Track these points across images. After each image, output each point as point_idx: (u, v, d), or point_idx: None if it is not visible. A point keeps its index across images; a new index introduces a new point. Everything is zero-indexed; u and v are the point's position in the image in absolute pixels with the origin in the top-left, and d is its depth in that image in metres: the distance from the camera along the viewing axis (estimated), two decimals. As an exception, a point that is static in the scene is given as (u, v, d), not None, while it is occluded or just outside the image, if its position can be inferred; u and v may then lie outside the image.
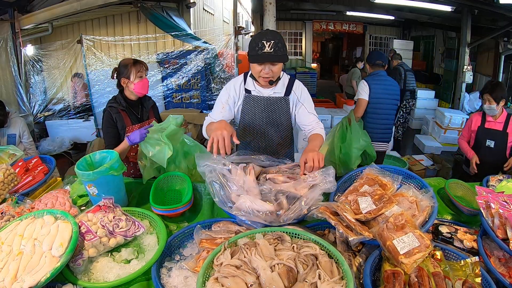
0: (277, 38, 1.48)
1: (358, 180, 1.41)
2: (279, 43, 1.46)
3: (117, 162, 1.41)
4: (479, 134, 2.51)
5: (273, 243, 1.05)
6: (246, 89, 1.73)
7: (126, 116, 1.90)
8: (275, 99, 1.73)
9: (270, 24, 4.36)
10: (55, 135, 4.77)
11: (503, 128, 2.39)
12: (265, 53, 1.44)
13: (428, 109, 6.38)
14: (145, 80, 1.90)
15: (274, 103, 1.73)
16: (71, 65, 5.10)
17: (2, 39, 4.26)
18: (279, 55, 1.48)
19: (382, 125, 2.97)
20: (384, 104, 2.91)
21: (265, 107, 1.74)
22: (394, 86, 2.97)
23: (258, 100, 1.73)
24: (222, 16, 9.18)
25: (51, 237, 1.05)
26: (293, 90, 1.73)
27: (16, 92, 4.51)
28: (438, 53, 7.91)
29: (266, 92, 1.71)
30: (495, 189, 1.47)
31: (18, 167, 1.74)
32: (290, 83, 1.74)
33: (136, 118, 1.95)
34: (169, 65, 5.08)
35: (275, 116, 1.76)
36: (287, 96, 1.73)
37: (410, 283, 0.94)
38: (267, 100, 1.73)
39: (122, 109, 1.89)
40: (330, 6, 7.57)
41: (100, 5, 4.32)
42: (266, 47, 1.43)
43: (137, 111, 1.97)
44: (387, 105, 2.93)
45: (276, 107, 1.74)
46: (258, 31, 1.55)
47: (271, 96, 1.72)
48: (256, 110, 1.75)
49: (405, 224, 1.06)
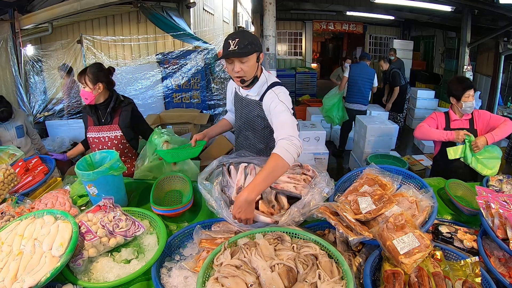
0: (241, 35, 1.46)
1: (358, 180, 1.41)
2: (243, 40, 1.44)
3: (117, 162, 1.41)
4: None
5: (273, 243, 1.05)
6: (235, 87, 1.78)
7: (89, 118, 2.07)
8: (249, 101, 1.68)
9: (270, 24, 4.36)
10: (55, 135, 4.76)
11: (470, 125, 2.24)
12: (230, 51, 1.45)
13: (428, 109, 6.36)
14: (82, 91, 1.95)
15: (248, 105, 1.69)
16: (71, 65, 5.09)
17: (2, 39, 4.26)
18: (241, 51, 1.44)
19: (358, 92, 4.66)
20: (358, 80, 4.61)
21: (242, 108, 1.73)
22: (368, 70, 4.64)
23: (238, 99, 1.75)
24: (222, 16, 9.18)
25: (51, 237, 1.05)
26: (265, 96, 1.57)
27: (16, 92, 4.51)
28: (438, 53, 7.90)
29: (244, 92, 1.69)
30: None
31: (18, 167, 1.74)
32: (267, 90, 1.58)
33: (97, 121, 2.05)
34: (169, 65, 5.07)
35: (249, 118, 1.71)
36: (261, 101, 1.61)
37: (410, 283, 0.94)
38: (242, 100, 1.72)
39: (88, 111, 2.06)
40: (330, 6, 7.55)
41: (100, 5, 4.31)
42: (231, 45, 1.44)
43: (102, 114, 2.04)
44: (361, 81, 4.61)
45: (249, 110, 1.69)
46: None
47: (246, 97, 1.69)
48: (237, 109, 1.79)
49: (405, 224, 1.06)
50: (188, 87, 5.27)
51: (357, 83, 4.63)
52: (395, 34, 9.23)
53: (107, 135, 2.03)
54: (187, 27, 5.20)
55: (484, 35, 5.42)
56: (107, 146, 2.04)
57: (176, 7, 5.49)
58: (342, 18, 8.82)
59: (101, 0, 4.22)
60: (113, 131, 2.02)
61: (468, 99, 2.18)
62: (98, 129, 2.03)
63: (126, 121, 2.04)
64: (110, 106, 2.00)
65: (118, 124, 2.03)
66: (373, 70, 4.68)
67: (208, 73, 5.22)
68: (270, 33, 4.40)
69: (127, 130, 2.05)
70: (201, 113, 5.10)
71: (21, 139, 2.89)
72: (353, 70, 4.68)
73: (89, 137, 2.07)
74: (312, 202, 1.22)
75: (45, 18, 4.38)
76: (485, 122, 2.22)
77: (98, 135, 2.03)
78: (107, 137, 2.03)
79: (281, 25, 9.15)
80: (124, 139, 2.05)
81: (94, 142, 2.05)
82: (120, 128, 2.03)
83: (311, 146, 3.91)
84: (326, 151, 3.93)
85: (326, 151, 3.93)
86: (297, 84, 8.14)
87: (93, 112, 2.03)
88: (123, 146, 2.07)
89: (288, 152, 1.23)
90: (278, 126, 1.39)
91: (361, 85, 4.63)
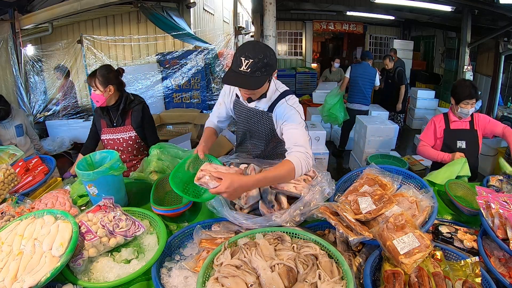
0: (256, 54, 1.22)
1: (358, 180, 1.41)
2: (259, 63, 1.22)
3: (117, 162, 1.41)
4: (446, 137, 2.27)
5: (273, 243, 1.05)
6: (236, 93, 1.63)
7: (102, 120, 2.05)
8: (257, 112, 1.57)
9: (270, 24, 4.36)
10: (55, 135, 4.76)
11: (470, 126, 2.23)
12: (238, 73, 1.23)
13: (428, 109, 6.36)
14: (93, 94, 1.93)
15: (255, 115, 1.59)
16: (71, 65, 5.09)
17: (3, 39, 4.26)
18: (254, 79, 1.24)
19: (359, 92, 4.62)
20: (359, 80, 4.56)
21: (248, 117, 1.62)
22: (370, 70, 4.59)
23: (243, 108, 1.62)
24: (222, 16, 9.18)
25: (51, 237, 1.05)
26: (278, 106, 1.49)
27: (16, 91, 4.52)
28: (438, 53, 7.89)
29: (251, 104, 1.54)
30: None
31: (18, 167, 1.74)
32: (277, 99, 1.49)
33: (110, 123, 2.04)
34: (169, 65, 5.08)
35: (256, 128, 1.63)
36: (270, 112, 1.52)
37: (410, 283, 0.94)
38: (249, 111, 1.60)
39: (100, 114, 2.05)
40: (330, 6, 7.55)
41: (100, 5, 4.32)
42: (243, 65, 1.22)
43: (114, 116, 2.03)
44: (362, 80, 4.56)
45: (257, 120, 1.60)
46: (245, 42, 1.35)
47: (253, 108, 1.57)
48: (241, 117, 1.66)
49: (405, 224, 1.06)
50: (188, 87, 5.27)
51: (358, 83, 4.62)
52: (395, 34, 9.22)
53: (121, 136, 2.03)
54: (187, 27, 5.21)
55: (484, 35, 5.41)
56: (123, 147, 2.05)
57: (176, 7, 5.49)
58: (342, 18, 8.81)
59: (101, 0, 4.22)
60: (127, 132, 2.03)
61: (466, 107, 2.15)
62: (113, 131, 2.03)
63: (137, 121, 2.04)
64: (120, 108, 2.00)
65: (131, 125, 2.03)
66: (374, 70, 4.66)
67: (208, 73, 5.22)
68: (270, 33, 4.40)
69: (140, 130, 2.06)
70: (201, 113, 5.10)
71: (21, 138, 2.89)
72: (354, 70, 4.64)
73: (103, 139, 2.06)
74: (312, 202, 1.22)
75: (45, 18, 4.38)
76: (484, 125, 2.22)
77: (113, 137, 2.04)
78: (121, 138, 2.03)
79: (281, 25, 9.14)
80: (138, 138, 2.07)
81: (109, 143, 2.05)
82: (133, 128, 2.03)
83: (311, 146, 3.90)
84: (326, 151, 3.93)
85: (326, 151, 3.93)
86: (297, 84, 8.15)
87: (104, 115, 2.03)
88: (138, 145, 2.08)
89: (301, 167, 1.24)
90: (295, 137, 1.36)
91: (362, 85, 4.61)
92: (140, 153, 2.12)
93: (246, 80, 1.24)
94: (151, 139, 2.09)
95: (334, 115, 4.83)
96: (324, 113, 4.96)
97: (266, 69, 1.25)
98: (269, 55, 1.26)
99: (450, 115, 2.28)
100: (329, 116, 4.94)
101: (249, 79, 1.24)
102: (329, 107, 4.85)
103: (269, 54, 1.26)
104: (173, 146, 1.94)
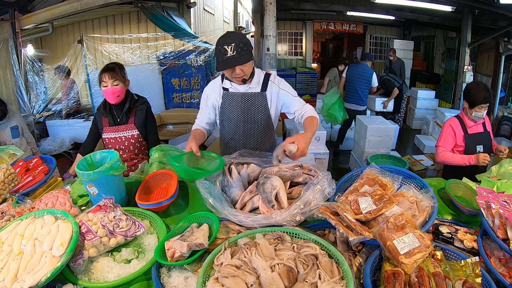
0: (234, 38, 1.47)
1: (358, 180, 1.41)
2: (238, 43, 1.46)
3: (117, 162, 1.41)
4: (467, 143, 2.26)
5: (273, 243, 1.05)
6: (224, 87, 1.78)
7: (104, 118, 2.05)
8: (251, 95, 1.74)
9: (270, 24, 4.36)
10: (55, 135, 4.76)
11: (484, 128, 2.26)
12: (229, 57, 1.46)
13: (428, 109, 6.37)
14: (108, 89, 1.92)
15: (250, 99, 1.75)
16: (71, 65, 5.08)
17: (3, 39, 4.26)
18: (243, 56, 1.48)
19: (355, 93, 4.72)
20: (355, 81, 4.67)
21: (242, 103, 1.76)
22: (367, 71, 4.66)
23: (235, 96, 1.76)
24: (222, 16, 9.20)
25: (51, 237, 1.05)
26: (270, 81, 1.74)
27: (16, 91, 4.51)
28: (439, 53, 7.89)
29: (242, 88, 1.74)
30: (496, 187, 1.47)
31: (19, 167, 1.75)
32: (266, 78, 1.75)
33: (113, 121, 2.04)
34: (169, 65, 5.07)
35: (252, 112, 1.77)
36: (263, 91, 1.74)
37: (411, 283, 0.94)
38: (243, 95, 1.75)
39: (102, 112, 2.04)
40: (330, 6, 7.55)
41: (101, 5, 4.31)
42: (228, 51, 1.44)
43: (118, 114, 2.03)
44: (357, 82, 4.66)
45: (252, 103, 1.75)
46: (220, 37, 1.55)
47: (247, 91, 1.74)
48: (233, 107, 1.78)
49: (405, 224, 1.06)
50: (188, 87, 5.27)
51: (354, 83, 4.71)
52: (396, 34, 9.22)
53: (123, 135, 2.04)
54: (187, 27, 5.21)
55: (485, 35, 5.42)
56: (124, 146, 2.05)
57: (177, 7, 5.49)
58: (343, 18, 8.80)
59: (101, 0, 4.22)
60: (129, 131, 2.04)
61: (480, 111, 2.17)
62: (114, 130, 2.03)
63: (141, 120, 2.06)
64: (126, 106, 2.01)
65: (134, 124, 2.04)
66: (371, 71, 4.72)
67: (208, 73, 5.22)
68: (270, 33, 4.41)
69: (142, 129, 2.07)
70: (201, 113, 5.09)
71: (16, 139, 2.87)
72: (350, 70, 4.76)
73: (104, 138, 2.06)
74: (313, 202, 1.22)
75: (46, 18, 4.38)
76: (489, 126, 2.27)
77: (115, 135, 2.04)
78: (123, 136, 2.04)
79: (282, 25, 9.13)
80: (140, 137, 2.08)
81: (111, 142, 2.05)
82: (136, 127, 2.04)
83: (312, 146, 3.87)
84: (326, 151, 3.93)
85: (326, 151, 3.93)
86: (297, 84, 8.15)
87: (108, 113, 2.03)
88: (139, 144, 2.09)
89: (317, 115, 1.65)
90: (300, 100, 1.74)
91: (358, 85, 4.70)
92: (141, 152, 2.12)
93: (237, 60, 1.48)
94: (152, 139, 2.11)
95: (333, 115, 4.93)
96: (324, 113, 5.09)
97: (247, 47, 1.50)
98: (244, 37, 1.53)
99: (465, 119, 2.27)
100: (328, 116, 5.01)
101: (239, 58, 1.48)
102: (327, 108, 4.97)
103: (243, 36, 1.54)
104: (175, 148, 1.94)
